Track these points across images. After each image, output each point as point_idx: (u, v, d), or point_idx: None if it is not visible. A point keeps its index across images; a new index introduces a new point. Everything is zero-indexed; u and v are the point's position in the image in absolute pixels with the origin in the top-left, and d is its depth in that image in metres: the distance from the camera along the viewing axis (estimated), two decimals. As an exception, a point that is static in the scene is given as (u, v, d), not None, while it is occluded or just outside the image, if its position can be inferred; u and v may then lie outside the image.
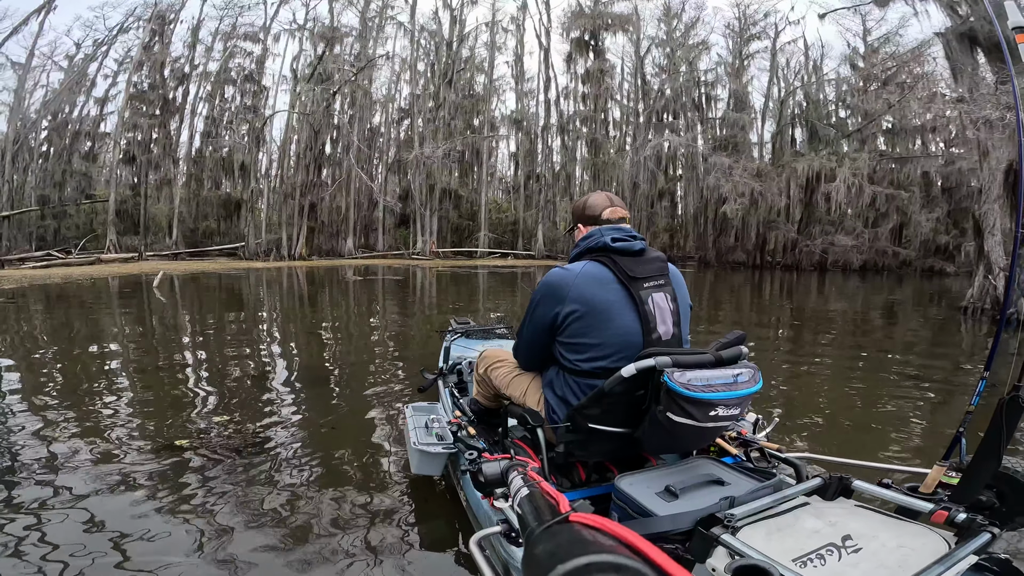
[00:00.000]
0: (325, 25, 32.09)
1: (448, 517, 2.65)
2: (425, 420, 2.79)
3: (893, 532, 1.39)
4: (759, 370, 1.90)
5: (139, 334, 8.05)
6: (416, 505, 2.82)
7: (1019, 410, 1.45)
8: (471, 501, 2.30)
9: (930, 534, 1.38)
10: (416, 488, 2.95)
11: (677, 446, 2.05)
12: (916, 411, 4.47)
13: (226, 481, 3.02)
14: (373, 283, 16.83)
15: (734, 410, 1.81)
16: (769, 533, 1.42)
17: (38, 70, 30.34)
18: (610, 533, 1.29)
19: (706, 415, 1.75)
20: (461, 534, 2.47)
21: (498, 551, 1.76)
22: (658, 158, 33.03)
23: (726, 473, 1.85)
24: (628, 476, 1.83)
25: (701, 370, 1.78)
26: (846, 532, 1.39)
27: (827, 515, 1.48)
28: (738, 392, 1.79)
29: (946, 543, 1.33)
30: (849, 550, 1.33)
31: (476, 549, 1.53)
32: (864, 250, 26.57)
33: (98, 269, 20.24)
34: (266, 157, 32.29)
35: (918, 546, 1.33)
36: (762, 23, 33.26)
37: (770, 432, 2.42)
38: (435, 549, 2.43)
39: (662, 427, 1.79)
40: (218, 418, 4.05)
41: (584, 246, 2.13)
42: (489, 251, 33.40)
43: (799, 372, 5.85)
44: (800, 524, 1.46)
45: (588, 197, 2.25)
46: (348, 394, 4.84)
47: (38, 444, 3.42)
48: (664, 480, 1.76)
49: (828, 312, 11.76)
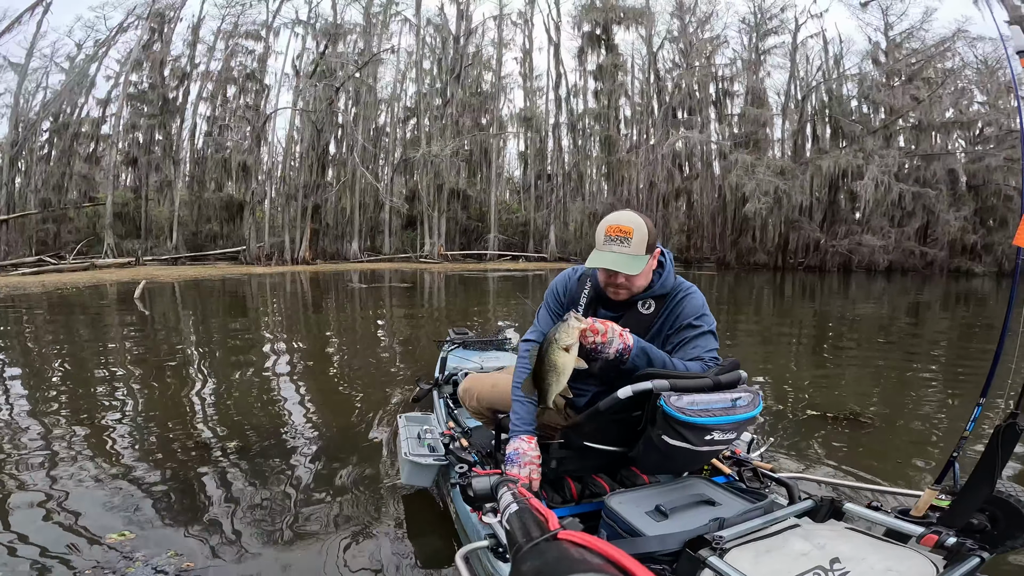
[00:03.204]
0: (328, 22, 32.35)
1: (437, 529, 2.69)
2: (418, 431, 2.84)
3: (881, 555, 1.40)
4: (759, 393, 1.92)
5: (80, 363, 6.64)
6: (406, 516, 2.86)
7: (1016, 436, 1.47)
8: (460, 514, 2.33)
9: (918, 557, 1.40)
10: (407, 499, 3.00)
11: (671, 467, 2.08)
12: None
13: (216, 488, 3.13)
14: (379, 290, 16.87)
15: (730, 434, 1.84)
16: (757, 555, 1.45)
17: (39, 72, 30.84)
18: (598, 552, 1.31)
19: (702, 439, 1.78)
20: (446, 547, 2.51)
21: (485, 566, 1.79)
22: (673, 156, 32.94)
23: (717, 494, 1.88)
24: (619, 495, 1.87)
25: (699, 394, 1.81)
26: (834, 555, 1.40)
27: (816, 537, 1.50)
28: (736, 417, 1.81)
29: (934, 567, 1.35)
30: (836, 573, 1.35)
31: (462, 563, 1.55)
32: (891, 250, 26.38)
33: (91, 276, 20.02)
34: (269, 158, 32.53)
35: (905, 570, 1.35)
36: (780, 17, 33.12)
37: (764, 452, 2.45)
38: (422, 561, 2.47)
39: (657, 449, 1.83)
40: (205, 431, 4.13)
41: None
42: (499, 253, 33.45)
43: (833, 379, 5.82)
44: (789, 546, 1.48)
45: (644, 217, 2.13)
46: (345, 404, 4.90)
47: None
48: (655, 499, 1.79)
49: (895, 327, 11.24)
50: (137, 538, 2.52)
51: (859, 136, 29.20)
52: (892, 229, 26.76)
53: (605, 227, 2.04)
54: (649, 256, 2.02)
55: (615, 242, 1.99)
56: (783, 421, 4.40)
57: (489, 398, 2.54)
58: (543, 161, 36.33)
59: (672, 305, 2.12)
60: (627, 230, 1.99)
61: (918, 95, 27.24)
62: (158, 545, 2.46)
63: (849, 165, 26.62)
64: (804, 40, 32.91)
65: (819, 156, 28.66)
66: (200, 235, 31.68)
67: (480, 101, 36.12)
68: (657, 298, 2.14)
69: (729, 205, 30.28)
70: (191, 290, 16.17)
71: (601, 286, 2.15)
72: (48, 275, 20.32)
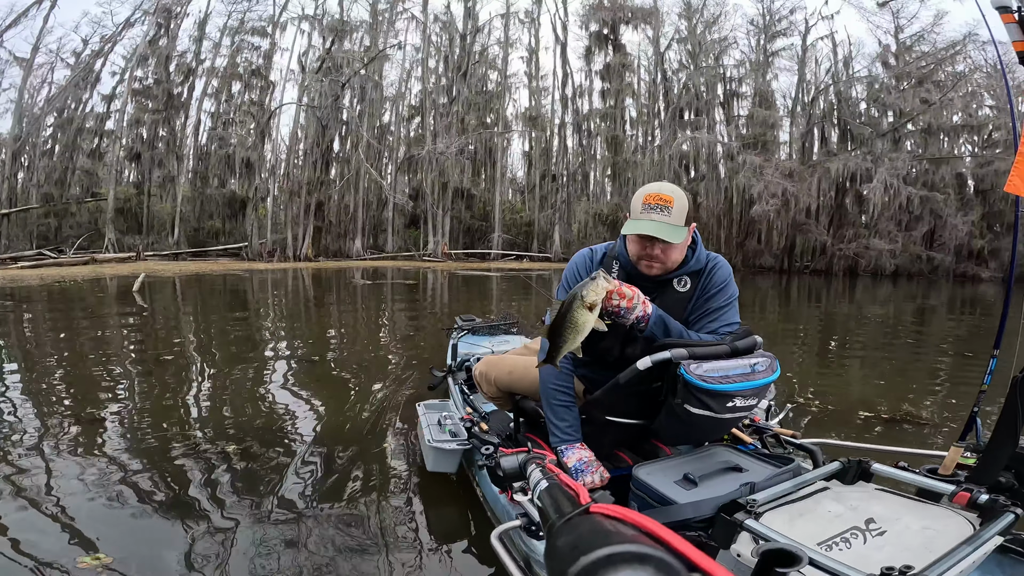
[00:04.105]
0: (335, 18, 32.42)
1: (464, 514, 2.70)
2: (438, 417, 2.86)
3: (916, 514, 1.43)
4: (776, 358, 1.93)
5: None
6: (431, 503, 2.87)
7: (1033, 389, 1.48)
8: (488, 496, 2.35)
9: (954, 516, 1.42)
10: (430, 486, 3.00)
11: (694, 437, 2.11)
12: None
13: (237, 480, 3.10)
14: (382, 287, 16.89)
15: (752, 400, 1.86)
16: (792, 518, 1.47)
17: (45, 67, 30.96)
18: (632, 523, 1.32)
19: (724, 406, 1.79)
20: (477, 530, 2.52)
21: (518, 545, 1.81)
22: (680, 157, 32.93)
23: (743, 460, 1.89)
24: (646, 465, 1.89)
25: (718, 361, 1.83)
26: (869, 515, 1.43)
27: (848, 499, 1.52)
28: (756, 382, 1.83)
29: (970, 524, 1.37)
30: (874, 533, 1.38)
31: (498, 544, 1.58)
32: (898, 254, 26.35)
33: (90, 270, 20.03)
34: (273, 154, 32.58)
35: (942, 528, 1.37)
36: (789, 19, 33.11)
37: (783, 419, 2.46)
38: (452, 546, 2.48)
39: (679, 419, 1.84)
40: (199, 432, 4.08)
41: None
42: (503, 253, 33.45)
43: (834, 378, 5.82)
44: (822, 508, 1.50)
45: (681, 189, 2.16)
46: (358, 397, 4.91)
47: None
48: (682, 469, 1.81)
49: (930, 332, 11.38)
50: (115, 562, 2.22)
51: (868, 139, 29.16)
52: (900, 233, 26.71)
53: (644, 195, 1.99)
54: (687, 228, 1.98)
55: (655, 210, 1.93)
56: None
57: (507, 382, 2.56)
58: (548, 161, 36.34)
59: (705, 280, 2.11)
60: (667, 199, 1.94)
61: (928, 98, 27.21)
62: (139, 573, 2.19)
63: (858, 168, 26.59)
64: (814, 42, 32.91)
65: (827, 158, 28.63)
66: (202, 231, 31.75)
67: (485, 100, 36.17)
68: (692, 275, 2.11)
69: (736, 207, 30.24)
70: (191, 286, 16.18)
71: (633, 260, 2.08)
72: (47, 269, 20.34)
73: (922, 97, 27.41)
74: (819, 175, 27.52)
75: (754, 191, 27.30)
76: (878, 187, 25.47)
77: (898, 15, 29.99)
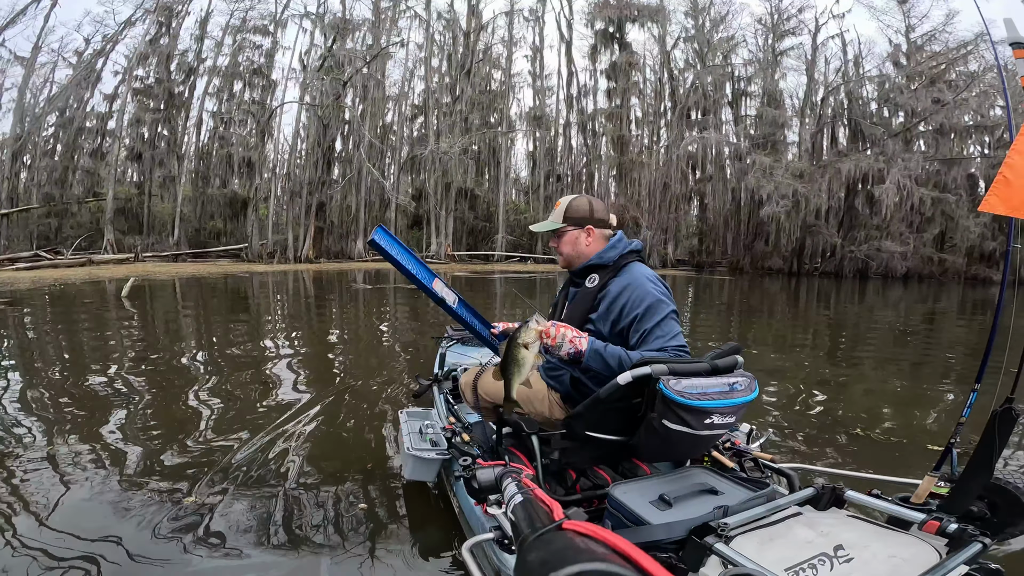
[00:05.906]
0: (337, 16, 32.50)
1: (441, 524, 2.72)
2: (419, 426, 2.89)
3: (885, 542, 1.44)
4: (755, 379, 1.97)
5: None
6: (408, 511, 2.90)
7: (1012, 422, 1.50)
8: (464, 507, 2.37)
9: (921, 544, 1.43)
10: (409, 494, 3.03)
11: (672, 454, 2.14)
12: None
13: (217, 486, 3.11)
14: (383, 291, 16.86)
15: (729, 418, 1.89)
16: (762, 542, 1.48)
17: (46, 66, 31.10)
18: (603, 541, 1.34)
19: (701, 423, 1.82)
20: (451, 541, 2.54)
21: (490, 558, 1.82)
22: (688, 157, 32.90)
23: (720, 482, 1.91)
24: (622, 484, 1.90)
25: (697, 378, 1.86)
26: (838, 542, 1.44)
27: (819, 525, 1.53)
28: (733, 400, 1.86)
29: (937, 553, 1.38)
30: (841, 560, 1.38)
31: (468, 556, 1.59)
32: (909, 256, 26.24)
33: (87, 272, 19.91)
34: (274, 154, 32.66)
35: (909, 556, 1.38)
36: (798, 18, 33.08)
37: (763, 443, 2.49)
38: (427, 556, 2.51)
39: (657, 434, 1.87)
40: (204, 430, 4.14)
41: (625, 247, 2.35)
42: (507, 255, 33.50)
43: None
44: (793, 534, 1.51)
45: (589, 200, 2.42)
46: (346, 402, 4.92)
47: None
48: (658, 489, 1.82)
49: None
50: (112, 570, 2.23)
51: (879, 139, 29.08)
52: (911, 235, 26.61)
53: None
54: (568, 225, 2.36)
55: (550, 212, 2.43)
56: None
57: (494, 393, 2.59)
58: (552, 161, 36.35)
59: (612, 282, 2.25)
60: (557, 203, 2.43)
61: (940, 98, 27.10)
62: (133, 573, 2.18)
63: (870, 168, 26.51)
64: (824, 41, 32.87)
65: (838, 159, 28.55)
66: (203, 232, 31.91)
67: (489, 99, 36.23)
68: (600, 272, 2.32)
69: (744, 208, 30.21)
70: (190, 288, 16.13)
71: None
72: (43, 270, 20.34)
73: (934, 97, 27.30)
74: (830, 176, 27.46)
75: (764, 192, 27.25)
76: (890, 188, 25.39)
77: (909, 14, 29.94)
